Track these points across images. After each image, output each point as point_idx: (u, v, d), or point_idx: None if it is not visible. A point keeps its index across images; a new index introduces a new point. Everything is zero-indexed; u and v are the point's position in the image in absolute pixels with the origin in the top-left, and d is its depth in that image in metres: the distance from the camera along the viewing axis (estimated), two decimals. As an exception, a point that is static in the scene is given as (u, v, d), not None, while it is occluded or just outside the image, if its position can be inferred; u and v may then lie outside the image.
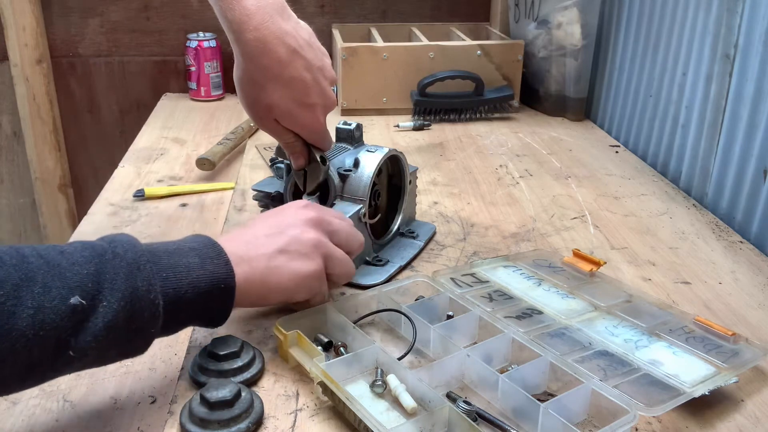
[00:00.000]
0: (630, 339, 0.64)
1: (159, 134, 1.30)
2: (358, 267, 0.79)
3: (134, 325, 0.50)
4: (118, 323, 0.49)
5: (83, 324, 0.48)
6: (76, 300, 0.47)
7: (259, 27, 0.66)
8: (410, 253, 0.83)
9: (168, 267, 0.54)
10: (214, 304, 0.57)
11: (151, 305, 0.51)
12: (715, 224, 0.95)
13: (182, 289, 0.54)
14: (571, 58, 1.35)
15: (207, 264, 0.56)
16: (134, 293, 0.50)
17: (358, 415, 0.53)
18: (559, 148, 1.24)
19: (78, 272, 0.48)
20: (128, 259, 0.51)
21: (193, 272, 0.55)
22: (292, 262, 0.62)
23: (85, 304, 0.47)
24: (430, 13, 1.66)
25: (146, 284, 0.51)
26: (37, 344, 0.45)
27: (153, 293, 0.51)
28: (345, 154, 0.81)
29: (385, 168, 0.85)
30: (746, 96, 0.93)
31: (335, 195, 0.78)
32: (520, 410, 0.56)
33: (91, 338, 0.48)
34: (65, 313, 0.46)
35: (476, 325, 0.67)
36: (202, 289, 0.55)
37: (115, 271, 0.50)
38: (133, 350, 0.53)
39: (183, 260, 0.55)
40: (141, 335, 0.52)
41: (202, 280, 0.55)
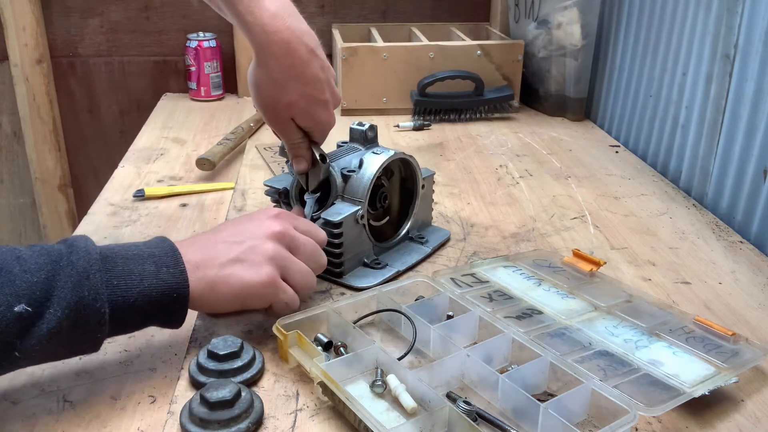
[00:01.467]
0: (630, 339, 0.64)
1: (159, 134, 1.30)
2: (356, 269, 0.79)
3: (80, 330, 0.53)
4: (62, 329, 0.52)
5: (29, 330, 0.50)
6: (22, 308, 0.50)
7: (282, 29, 0.68)
8: (413, 258, 0.82)
9: (120, 275, 0.55)
10: (167, 312, 0.58)
11: (96, 313, 0.53)
12: (715, 224, 0.95)
13: (131, 297, 0.55)
14: (571, 58, 1.35)
15: (162, 273, 0.57)
16: (80, 302, 0.52)
17: (358, 415, 0.53)
18: (559, 148, 1.24)
19: (28, 280, 0.51)
20: (79, 268, 0.53)
21: (146, 280, 0.56)
22: (242, 270, 0.62)
23: (30, 311, 0.50)
24: (430, 13, 1.66)
25: (93, 293, 0.53)
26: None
27: (99, 302, 0.53)
28: (353, 155, 0.81)
29: (398, 171, 0.85)
30: (746, 96, 0.93)
31: (336, 195, 0.78)
32: (520, 410, 0.56)
33: (35, 342, 0.51)
34: (10, 319, 0.49)
35: (476, 325, 0.67)
36: (153, 298, 0.57)
37: (65, 280, 0.52)
38: (83, 350, 0.56)
39: (138, 267, 0.57)
40: (88, 338, 0.55)
41: (154, 289, 0.57)
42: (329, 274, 0.77)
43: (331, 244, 0.75)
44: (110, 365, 0.63)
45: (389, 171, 0.83)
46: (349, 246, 0.76)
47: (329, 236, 0.74)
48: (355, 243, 0.77)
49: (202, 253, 0.61)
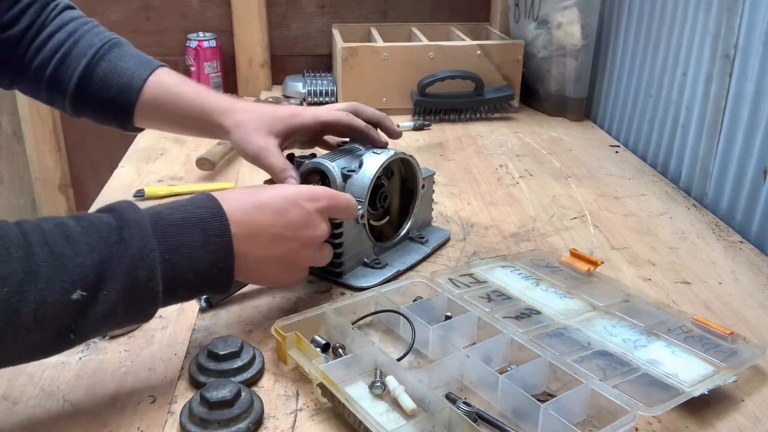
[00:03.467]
0: (629, 339, 0.64)
1: (159, 134, 1.30)
2: (355, 268, 0.79)
3: (134, 309, 0.53)
4: (116, 311, 0.52)
5: (83, 314, 0.50)
6: (78, 295, 0.49)
7: None
8: (413, 258, 0.82)
9: (171, 247, 0.55)
10: (213, 281, 0.59)
11: (150, 293, 0.54)
12: (715, 224, 0.95)
13: (181, 271, 0.56)
14: (571, 58, 1.35)
15: (210, 244, 0.57)
16: (135, 284, 0.52)
17: (358, 416, 0.53)
18: (559, 148, 1.24)
19: (81, 264, 0.50)
20: (134, 249, 0.52)
21: (194, 252, 0.56)
22: (279, 270, 0.65)
23: (86, 296, 0.50)
24: (430, 13, 1.66)
25: (147, 274, 0.53)
26: (39, 333, 0.49)
27: (153, 282, 0.53)
28: (353, 155, 0.81)
29: (398, 171, 0.85)
30: (746, 96, 0.93)
31: None
32: (520, 411, 0.56)
33: (90, 325, 0.51)
34: (67, 306, 0.49)
35: (475, 326, 0.67)
36: (201, 270, 0.57)
37: (118, 261, 0.52)
38: (133, 323, 0.59)
39: (188, 237, 0.56)
40: (141, 314, 0.55)
41: (203, 261, 0.57)
42: (329, 274, 0.77)
43: (331, 243, 0.75)
44: (110, 365, 0.63)
45: (389, 171, 0.83)
46: (349, 246, 0.76)
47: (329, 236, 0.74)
48: (355, 243, 0.77)
49: (249, 239, 0.61)
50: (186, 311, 0.72)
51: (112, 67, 0.81)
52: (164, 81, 0.82)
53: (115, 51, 0.82)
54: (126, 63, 0.82)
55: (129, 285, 0.52)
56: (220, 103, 0.81)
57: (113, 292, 0.51)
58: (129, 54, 0.83)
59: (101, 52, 0.81)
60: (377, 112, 0.86)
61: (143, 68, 0.81)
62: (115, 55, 0.82)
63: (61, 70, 0.81)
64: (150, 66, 0.82)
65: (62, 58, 0.81)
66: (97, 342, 0.66)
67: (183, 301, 0.60)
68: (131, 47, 0.85)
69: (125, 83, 0.81)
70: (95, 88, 0.81)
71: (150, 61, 0.84)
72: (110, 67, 0.81)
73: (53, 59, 0.81)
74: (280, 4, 1.62)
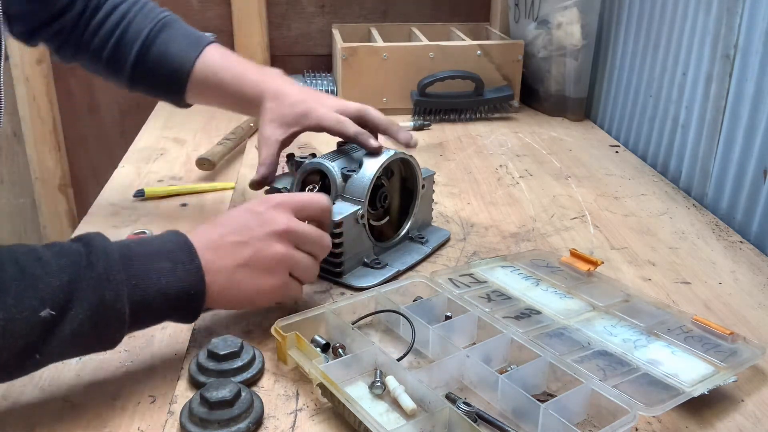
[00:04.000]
0: (628, 339, 0.64)
1: (159, 134, 1.30)
2: (356, 268, 0.79)
3: (100, 330, 0.54)
4: (83, 331, 0.52)
5: (51, 332, 0.51)
6: (47, 313, 0.50)
7: None
8: (413, 258, 0.82)
9: (138, 273, 0.56)
10: (183, 308, 0.59)
11: (117, 314, 0.54)
12: (715, 224, 0.95)
13: (149, 296, 0.56)
14: (571, 58, 1.35)
15: (178, 270, 0.58)
16: (101, 304, 0.53)
17: (358, 416, 0.53)
18: (559, 148, 1.24)
19: (51, 284, 0.51)
20: (99, 269, 0.53)
21: (163, 278, 0.57)
22: (253, 278, 0.63)
23: (54, 315, 0.51)
24: (430, 13, 1.66)
25: (113, 294, 0.54)
26: (5, 350, 0.49)
27: (120, 303, 0.54)
28: (353, 155, 0.81)
29: (398, 171, 0.85)
30: (746, 96, 0.93)
31: (336, 194, 0.78)
32: (520, 411, 0.56)
33: (57, 344, 0.51)
34: (35, 324, 0.50)
35: (475, 326, 0.67)
36: (170, 296, 0.57)
37: (86, 283, 0.52)
38: (100, 348, 0.57)
39: (155, 265, 0.57)
40: (108, 337, 0.55)
41: (172, 287, 0.57)
42: (329, 274, 0.77)
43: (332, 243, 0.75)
44: (110, 365, 0.63)
45: (389, 171, 0.83)
46: (349, 246, 0.76)
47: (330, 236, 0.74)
48: (355, 243, 0.77)
49: (213, 252, 0.61)
50: (186, 311, 0.72)
51: (163, 51, 0.87)
52: (209, 63, 0.88)
53: (165, 33, 0.88)
54: (176, 47, 0.88)
55: (96, 305, 0.52)
56: (255, 90, 0.86)
57: (80, 312, 0.52)
58: (178, 35, 0.88)
59: (151, 36, 0.87)
60: (383, 121, 0.86)
61: (192, 50, 0.87)
62: (165, 38, 0.88)
63: (117, 54, 0.88)
64: (198, 46, 0.88)
65: (117, 43, 0.87)
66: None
67: (149, 326, 0.60)
68: (180, 25, 0.90)
69: (176, 68, 0.87)
70: (148, 73, 0.88)
71: (198, 39, 0.89)
72: (161, 52, 0.87)
73: (108, 43, 0.87)
74: (280, 4, 1.62)
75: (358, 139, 0.81)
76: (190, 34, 0.90)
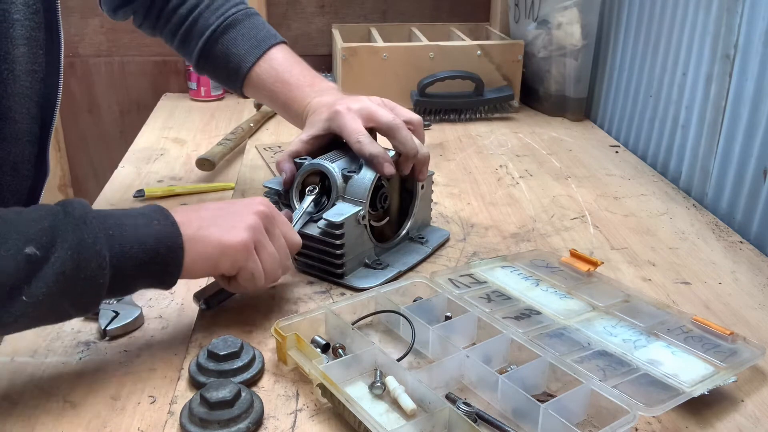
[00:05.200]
0: (628, 339, 0.64)
1: (159, 134, 1.31)
2: (357, 269, 0.79)
3: (83, 274, 0.54)
4: (67, 271, 0.53)
5: (36, 273, 0.52)
6: (31, 250, 0.52)
7: None
8: (414, 258, 0.82)
9: (114, 225, 0.57)
10: (162, 262, 0.59)
11: (97, 255, 0.55)
12: (715, 224, 0.95)
13: (127, 245, 0.57)
14: (571, 58, 1.35)
15: (153, 224, 0.59)
16: (81, 244, 0.54)
17: (358, 417, 0.53)
18: (559, 148, 1.24)
19: (34, 227, 0.53)
20: (76, 215, 0.55)
21: (140, 230, 0.58)
22: (220, 231, 0.63)
23: (39, 255, 0.52)
24: (430, 13, 1.66)
25: (92, 237, 0.55)
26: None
27: (98, 244, 0.55)
28: (353, 155, 0.80)
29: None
30: (746, 96, 0.93)
31: (337, 195, 0.78)
32: (520, 411, 0.56)
33: (43, 285, 0.52)
34: (20, 261, 0.51)
35: (475, 326, 0.67)
36: (148, 246, 0.58)
37: (65, 227, 0.54)
38: (85, 303, 0.56)
39: (130, 221, 0.59)
40: (91, 286, 0.55)
41: (149, 237, 0.58)
42: (330, 275, 0.77)
43: (333, 245, 0.75)
44: (110, 365, 0.63)
45: None
46: (351, 247, 0.76)
47: (331, 237, 0.75)
48: (356, 244, 0.77)
49: (187, 215, 0.63)
50: (186, 311, 0.72)
51: (225, 51, 0.91)
52: (265, 70, 0.90)
53: (230, 32, 0.91)
54: (237, 47, 0.91)
55: (76, 245, 0.53)
56: (300, 110, 0.87)
57: (63, 252, 0.53)
58: (242, 36, 0.91)
59: (217, 33, 0.91)
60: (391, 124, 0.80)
61: (252, 53, 0.90)
62: (229, 38, 0.91)
63: (185, 43, 0.93)
64: (259, 49, 0.90)
65: (186, 33, 0.92)
66: (97, 342, 0.67)
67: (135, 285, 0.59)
68: (251, 22, 0.92)
69: (233, 69, 0.91)
70: (210, 66, 0.94)
71: (261, 41, 0.91)
72: (223, 51, 0.91)
73: (178, 34, 0.93)
74: (280, 4, 1.62)
75: (372, 163, 0.77)
76: (256, 34, 0.91)
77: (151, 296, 0.74)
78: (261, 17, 0.95)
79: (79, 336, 0.68)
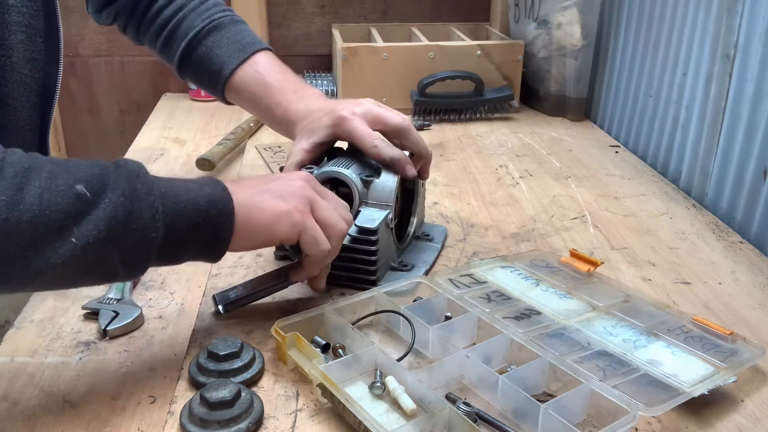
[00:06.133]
0: (628, 339, 0.64)
1: (159, 134, 1.31)
2: (384, 274, 0.77)
3: (135, 224, 0.53)
4: (117, 217, 0.52)
5: (86, 214, 0.51)
6: (81, 189, 0.51)
7: None
8: (431, 256, 0.82)
9: (166, 185, 0.57)
10: (214, 225, 0.59)
11: (150, 207, 0.54)
12: (715, 224, 0.95)
13: (181, 203, 0.57)
14: (571, 58, 1.35)
15: (205, 189, 0.59)
16: (134, 193, 0.53)
17: (358, 417, 0.53)
18: (559, 148, 1.24)
19: (84, 170, 0.53)
20: (129, 169, 0.55)
21: (192, 192, 0.58)
22: (273, 198, 0.63)
23: (88, 196, 0.51)
24: (430, 13, 1.66)
25: (146, 188, 0.55)
26: (42, 221, 0.49)
27: (152, 196, 0.55)
28: (363, 159, 0.79)
29: None
30: (746, 96, 0.93)
31: (360, 201, 0.76)
32: (520, 411, 0.56)
33: (93, 227, 0.51)
34: (70, 198, 0.50)
35: (475, 326, 0.67)
36: (200, 206, 0.58)
37: (118, 176, 0.54)
38: (135, 260, 0.55)
39: (180, 183, 0.59)
40: (143, 239, 0.54)
41: (201, 198, 0.58)
42: (364, 283, 0.74)
43: (368, 251, 0.73)
44: (110, 365, 0.63)
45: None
46: (382, 251, 0.75)
47: (365, 243, 0.73)
48: (386, 247, 0.76)
49: (236, 185, 0.63)
50: (186, 311, 0.72)
51: (207, 53, 0.89)
52: (248, 76, 0.88)
53: (214, 35, 0.89)
54: (220, 50, 0.89)
55: (129, 193, 0.53)
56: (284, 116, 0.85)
57: (114, 196, 0.52)
58: (227, 39, 0.89)
59: (200, 37, 0.89)
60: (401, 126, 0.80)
61: (234, 57, 0.88)
62: (213, 41, 0.89)
63: (168, 45, 0.91)
64: (243, 53, 0.89)
65: (168, 36, 0.91)
66: (97, 342, 0.67)
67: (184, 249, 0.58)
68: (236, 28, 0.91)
69: (215, 73, 0.89)
70: (193, 69, 0.91)
71: (246, 46, 0.89)
72: (205, 53, 0.89)
73: (161, 35, 0.91)
74: (280, 4, 1.62)
75: (395, 166, 0.77)
76: (241, 39, 0.90)
77: (151, 296, 0.74)
78: (247, 25, 0.93)
79: (79, 336, 0.68)
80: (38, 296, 0.74)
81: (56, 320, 0.70)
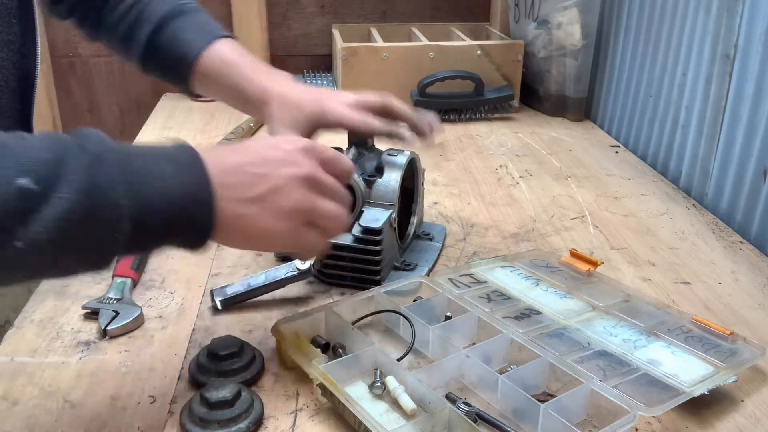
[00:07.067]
0: (628, 339, 0.64)
1: (159, 134, 1.30)
2: (388, 274, 0.77)
3: (93, 224, 0.46)
4: (73, 218, 0.44)
5: (33, 212, 0.43)
6: (25, 182, 0.43)
7: None
8: (432, 255, 0.82)
9: (136, 170, 0.49)
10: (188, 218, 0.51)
11: (113, 205, 0.46)
12: (715, 224, 0.95)
13: (152, 199, 0.49)
14: (571, 58, 1.35)
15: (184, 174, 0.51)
16: (94, 186, 0.45)
17: (358, 417, 0.53)
18: (559, 148, 1.24)
19: (34, 156, 0.44)
20: (92, 151, 0.47)
21: (167, 180, 0.50)
22: (266, 217, 0.55)
23: (35, 190, 0.43)
24: (430, 13, 1.66)
25: (109, 180, 0.46)
26: None
27: (116, 191, 0.46)
28: (364, 159, 0.80)
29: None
30: (746, 96, 0.93)
31: (363, 201, 0.76)
32: (520, 411, 0.56)
33: (42, 229, 0.43)
34: (10, 194, 0.42)
35: (475, 326, 0.67)
36: (174, 199, 0.50)
37: (76, 163, 0.45)
38: (94, 259, 0.48)
39: (156, 166, 0.50)
40: (103, 238, 0.47)
41: (176, 189, 0.50)
42: (369, 283, 0.74)
43: (372, 251, 0.73)
44: (110, 365, 0.63)
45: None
46: (386, 251, 0.75)
47: (369, 244, 0.73)
48: (389, 247, 0.76)
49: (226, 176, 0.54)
50: (186, 311, 0.72)
51: (172, 37, 0.84)
52: (217, 57, 0.84)
53: (180, 19, 0.85)
54: (185, 34, 0.84)
55: (86, 187, 0.45)
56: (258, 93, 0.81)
57: (68, 192, 0.44)
58: (194, 23, 0.86)
59: (167, 20, 0.84)
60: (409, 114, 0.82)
61: (201, 40, 0.84)
62: (179, 24, 0.85)
63: (131, 33, 0.85)
64: (210, 37, 0.84)
65: (132, 22, 0.85)
66: (97, 342, 0.67)
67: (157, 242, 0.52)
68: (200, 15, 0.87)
69: (182, 55, 0.84)
70: (158, 56, 0.85)
71: (212, 31, 0.86)
72: (171, 37, 0.84)
73: (124, 21, 0.85)
74: (280, 4, 1.62)
75: (391, 134, 0.77)
76: (206, 24, 0.86)
77: (151, 296, 0.74)
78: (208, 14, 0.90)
79: (79, 336, 0.68)
80: (38, 296, 0.74)
81: (56, 320, 0.70)
